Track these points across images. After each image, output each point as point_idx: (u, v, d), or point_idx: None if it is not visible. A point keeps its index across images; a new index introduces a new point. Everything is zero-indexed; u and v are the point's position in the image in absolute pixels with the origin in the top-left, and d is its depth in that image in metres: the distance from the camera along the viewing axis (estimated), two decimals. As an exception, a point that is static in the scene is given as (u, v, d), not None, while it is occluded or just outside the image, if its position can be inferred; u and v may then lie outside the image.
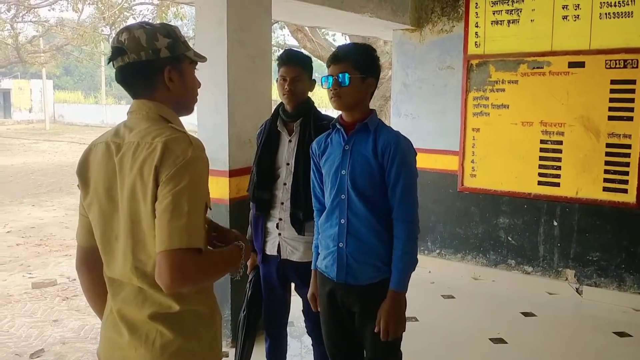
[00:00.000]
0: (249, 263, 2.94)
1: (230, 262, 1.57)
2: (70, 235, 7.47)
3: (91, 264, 1.63)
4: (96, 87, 40.01)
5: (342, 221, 2.20)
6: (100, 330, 1.61)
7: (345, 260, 2.20)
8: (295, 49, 5.27)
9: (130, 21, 11.29)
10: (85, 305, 4.81)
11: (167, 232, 1.35)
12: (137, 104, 1.54)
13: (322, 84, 2.20)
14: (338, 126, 2.25)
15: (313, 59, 3.24)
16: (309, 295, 2.45)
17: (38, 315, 4.64)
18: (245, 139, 3.61)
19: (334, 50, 2.34)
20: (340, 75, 2.13)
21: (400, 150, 2.13)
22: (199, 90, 1.66)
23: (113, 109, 33.82)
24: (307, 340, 3.60)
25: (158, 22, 9.91)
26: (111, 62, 1.53)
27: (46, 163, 15.44)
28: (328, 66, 2.20)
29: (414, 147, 2.24)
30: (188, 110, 1.62)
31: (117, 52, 1.49)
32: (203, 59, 1.61)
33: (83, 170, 1.55)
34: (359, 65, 2.14)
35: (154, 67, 1.50)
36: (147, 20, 11.00)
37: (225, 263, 1.56)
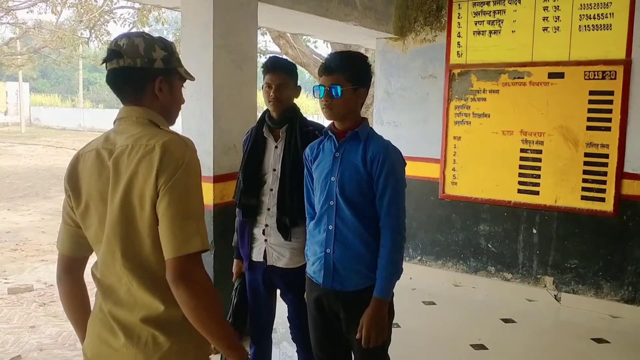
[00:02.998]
0: (234, 271, 2.93)
1: (222, 328, 1.54)
2: (47, 240, 7.36)
3: (74, 274, 1.66)
4: (73, 91, 39.49)
5: (330, 227, 2.22)
6: (89, 328, 1.61)
7: (332, 266, 2.22)
8: (278, 55, 5.29)
9: (111, 25, 11.21)
10: (62, 312, 4.70)
11: (182, 237, 1.42)
12: (126, 110, 1.57)
13: (313, 94, 2.21)
14: (330, 133, 2.26)
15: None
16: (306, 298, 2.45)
17: (14, 321, 4.55)
18: (230, 145, 3.61)
19: (317, 57, 2.35)
20: (332, 87, 2.13)
21: (389, 159, 2.15)
22: (184, 95, 1.71)
23: (91, 112, 33.43)
24: (292, 347, 3.61)
25: (142, 29, 9.88)
26: (104, 64, 1.57)
27: (22, 167, 15.17)
28: (320, 75, 2.21)
29: None
30: (170, 122, 1.66)
31: (114, 54, 1.54)
32: (192, 78, 1.68)
33: (73, 180, 1.58)
34: (351, 76, 2.15)
35: (146, 75, 1.55)
36: (128, 23, 10.96)
37: (221, 321, 1.53)
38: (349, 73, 2.15)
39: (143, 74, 1.54)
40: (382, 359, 2.30)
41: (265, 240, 2.71)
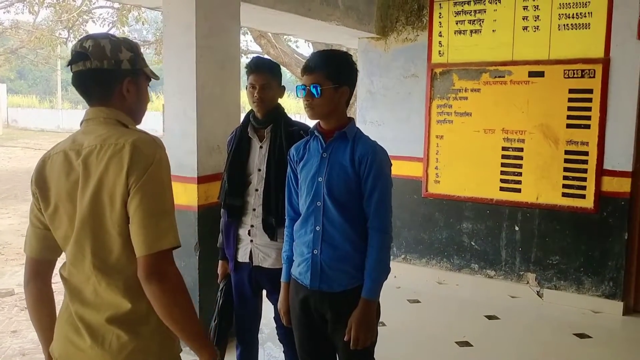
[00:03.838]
0: (219, 272, 2.92)
1: (190, 325, 1.53)
2: (27, 243, 7.25)
3: (42, 278, 1.66)
4: (51, 92, 38.92)
5: (317, 228, 2.20)
6: (56, 328, 1.61)
7: (319, 267, 2.20)
8: (261, 56, 5.28)
9: (90, 24, 11.06)
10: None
11: (155, 234, 1.44)
12: (94, 111, 1.58)
13: (297, 94, 2.20)
14: (316, 133, 2.25)
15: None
16: (279, 307, 2.42)
17: (-4, 326, 4.49)
18: (214, 145, 3.59)
19: (298, 57, 2.35)
20: (312, 86, 2.13)
21: (377, 160, 2.16)
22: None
23: (69, 113, 32.94)
24: (278, 347, 3.61)
25: (122, 29, 9.79)
26: (70, 66, 1.57)
27: (0, 169, 14.93)
28: (302, 75, 2.21)
29: None
30: (137, 121, 1.67)
31: (79, 56, 1.54)
32: (157, 77, 1.71)
33: (41, 183, 1.58)
34: (331, 74, 2.14)
35: (114, 77, 1.56)
36: (107, 23, 10.84)
37: (189, 319, 1.53)
38: (329, 71, 2.14)
39: (110, 76, 1.55)
40: (368, 358, 2.29)
41: (251, 240, 2.70)
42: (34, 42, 11.99)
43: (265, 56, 11.20)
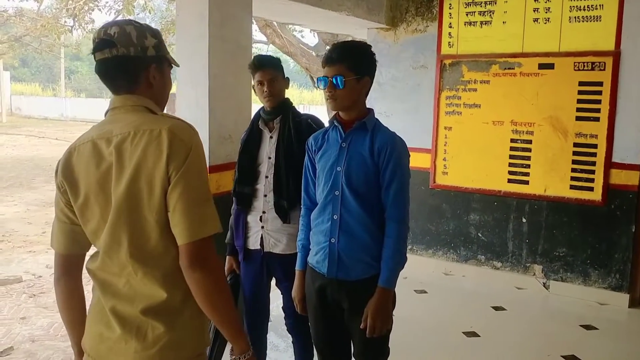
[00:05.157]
0: (226, 267, 2.94)
1: (230, 319, 1.55)
2: (34, 231, 7.29)
3: (73, 273, 1.63)
4: (55, 80, 38.85)
5: (335, 217, 2.22)
6: (87, 323, 1.60)
7: (336, 256, 2.22)
8: (262, 53, 5.26)
9: (96, 12, 11.03)
10: (53, 303, 4.71)
11: (198, 221, 1.44)
12: (120, 99, 1.56)
13: (317, 85, 2.21)
14: (336, 123, 2.27)
15: (281, 55, 3.27)
16: (293, 295, 2.44)
17: (5, 312, 4.53)
18: (226, 135, 3.60)
19: (303, 47, 2.35)
20: (335, 78, 2.14)
21: (397, 151, 2.18)
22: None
23: (72, 101, 32.96)
24: (282, 338, 3.64)
25: (128, 17, 9.72)
26: (93, 54, 1.54)
27: (4, 157, 14.94)
28: (323, 66, 2.21)
29: None
30: (161, 108, 1.66)
31: (105, 44, 1.51)
32: (177, 64, 1.69)
33: (68, 174, 1.54)
34: (354, 66, 2.16)
35: (140, 63, 1.54)
36: (114, 11, 10.80)
37: (232, 306, 1.56)
38: (351, 63, 2.15)
39: (137, 63, 1.53)
40: (383, 347, 2.32)
41: (262, 227, 2.73)
42: (40, 30, 11.96)
43: (270, 46, 11.18)
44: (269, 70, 2.73)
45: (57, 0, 12.73)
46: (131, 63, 1.52)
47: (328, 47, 2.49)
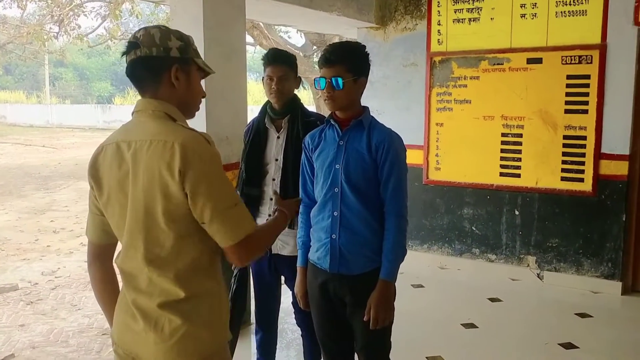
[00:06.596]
0: None
1: (278, 227, 1.81)
2: (26, 239, 7.25)
3: (103, 261, 1.73)
4: (39, 87, 38.53)
5: (335, 214, 2.26)
6: (115, 313, 1.68)
7: (338, 251, 2.26)
8: (279, 48, 5.28)
9: (82, 18, 10.98)
10: (51, 309, 4.72)
11: (235, 224, 1.53)
12: (143, 103, 1.60)
13: (315, 86, 2.26)
14: (332, 122, 2.31)
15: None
16: (296, 292, 2.49)
17: (3, 320, 4.51)
18: (223, 137, 3.64)
19: (290, 47, 2.37)
20: (333, 79, 2.18)
21: (394, 147, 2.23)
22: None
23: (58, 108, 32.68)
24: (296, 331, 3.68)
25: (115, 22, 9.70)
26: (124, 57, 1.60)
27: (-8, 166, 14.83)
28: (320, 68, 2.25)
29: None
30: (190, 114, 1.69)
31: (131, 46, 1.58)
32: (212, 71, 1.70)
33: (94, 171, 1.62)
34: (352, 67, 2.20)
35: (162, 63, 1.57)
36: (100, 16, 10.75)
37: (275, 228, 1.81)
38: (349, 64, 2.19)
39: (159, 63, 1.57)
40: (385, 342, 2.36)
41: None
42: (24, 37, 11.87)
43: (258, 47, 11.20)
44: (281, 67, 2.68)
45: (41, 7, 12.65)
46: (152, 62, 1.57)
47: (315, 47, 2.52)
